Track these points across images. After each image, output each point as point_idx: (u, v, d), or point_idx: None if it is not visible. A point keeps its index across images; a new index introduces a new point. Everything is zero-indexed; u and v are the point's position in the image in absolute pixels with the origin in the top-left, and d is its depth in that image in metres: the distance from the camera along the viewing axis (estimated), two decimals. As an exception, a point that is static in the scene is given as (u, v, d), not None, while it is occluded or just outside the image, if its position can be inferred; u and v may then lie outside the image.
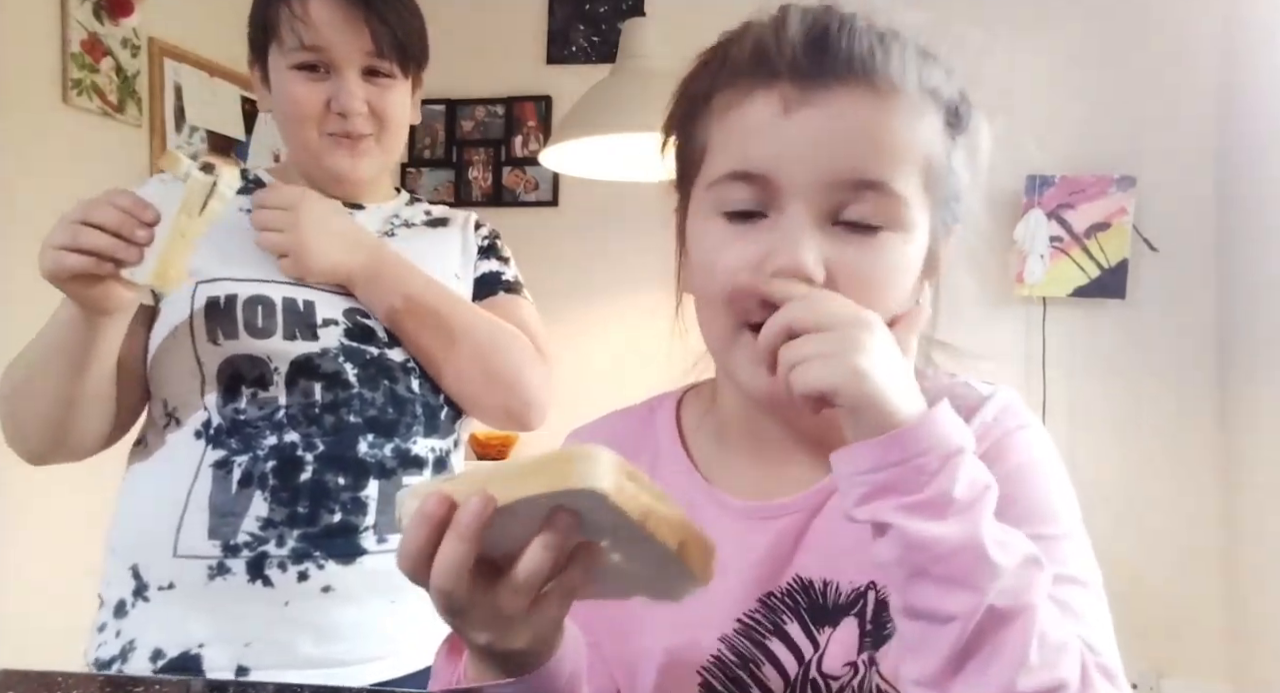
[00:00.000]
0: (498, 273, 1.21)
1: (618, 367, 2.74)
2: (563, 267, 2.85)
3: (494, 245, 1.24)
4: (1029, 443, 0.61)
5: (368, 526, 0.99)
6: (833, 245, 0.56)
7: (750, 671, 0.61)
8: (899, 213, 0.56)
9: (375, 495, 1.00)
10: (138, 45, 2.24)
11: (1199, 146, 2.52)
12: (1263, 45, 2.32)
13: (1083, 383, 2.57)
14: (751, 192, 0.57)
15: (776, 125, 0.56)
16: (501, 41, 2.93)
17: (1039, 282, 2.50)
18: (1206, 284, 2.51)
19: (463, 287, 1.15)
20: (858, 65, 0.55)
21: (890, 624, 0.58)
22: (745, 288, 0.56)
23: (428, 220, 1.20)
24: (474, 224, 1.24)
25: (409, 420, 1.05)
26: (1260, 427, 2.30)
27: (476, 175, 2.93)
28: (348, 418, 1.01)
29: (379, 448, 1.01)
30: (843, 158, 0.55)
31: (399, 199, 1.22)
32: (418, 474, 1.05)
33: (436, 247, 1.16)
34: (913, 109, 0.57)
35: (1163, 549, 2.47)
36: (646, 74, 1.93)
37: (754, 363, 0.56)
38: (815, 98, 0.55)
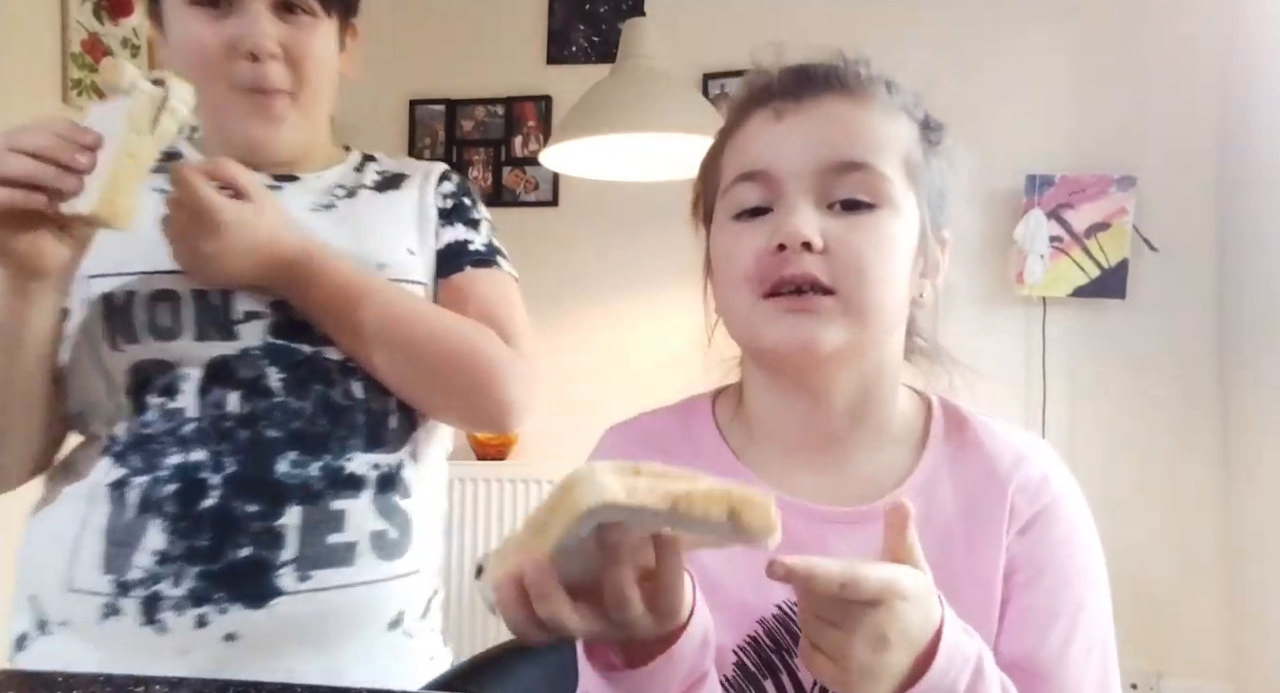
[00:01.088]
0: (464, 242, 1.01)
1: (618, 366, 2.75)
2: (563, 267, 2.85)
3: (461, 206, 1.03)
4: (1072, 514, 0.68)
5: (285, 561, 0.83)
6: (831, 223, 0.64)
7: (782, 657, 0.65)
8: (885, 190, 0.64)
9: (297, 524, 0.84)
10: (137, 45, 2.24)
11: (1199, 146, 2.52)
12: (1263, 45, 2.32)
13: (1083, 383, 2.57)
14: (757, 189, 0.66)
15: (771, 130, 0.67)
16: (501, 41, 2.93)
17: (1039, 282, 2.50)
18: (1206, 284, 2.51)
19: (419, 263, 0.97)
20: (835, 81, 0.67)
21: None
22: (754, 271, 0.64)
23: (378, 182, 1.02)
24: (437, 178, 1.04)
25: (344, 433, 0.89)
26: (1260, 427, 2.30)
27: (476, 175, 2.93)
28: (266, 432, 0.86)
29: (303, 467, 0.86)
30: (829, 146, 0.65)
31: (346, 163, 1.03)
32: (353, 497, 0.88)
33: (384, 215, 0.98)
34: (886, 113, 0.67)
35: (1163, 549, 2.47)
36: (646, 74, 1.93)
37: (773, 322, 0.63)
38: (801, 106, 0.66)
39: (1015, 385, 2.57)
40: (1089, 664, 0.63)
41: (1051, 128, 2.59)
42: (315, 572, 0.84)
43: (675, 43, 2.03)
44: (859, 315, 0.63)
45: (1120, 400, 2.55)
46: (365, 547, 0.87)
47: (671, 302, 2.44)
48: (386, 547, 0.89)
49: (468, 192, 1.05)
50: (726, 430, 0.73)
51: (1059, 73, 2.61)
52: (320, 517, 0.86)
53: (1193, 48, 2.53)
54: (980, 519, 0.66)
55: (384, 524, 0.89)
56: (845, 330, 0.63)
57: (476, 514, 2.75)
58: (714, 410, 0.75)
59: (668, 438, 0.73)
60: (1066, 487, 0.69)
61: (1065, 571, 0.65)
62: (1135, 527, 2.48)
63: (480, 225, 1.04)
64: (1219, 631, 2.44)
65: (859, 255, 0.63)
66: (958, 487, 0.68)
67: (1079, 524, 0.68)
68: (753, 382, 0.72)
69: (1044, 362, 2.56)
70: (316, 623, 0.84)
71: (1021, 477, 0.67)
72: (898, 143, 0.66)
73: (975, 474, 0.68)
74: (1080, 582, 0.66)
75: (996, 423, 0.72)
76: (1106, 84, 2.58)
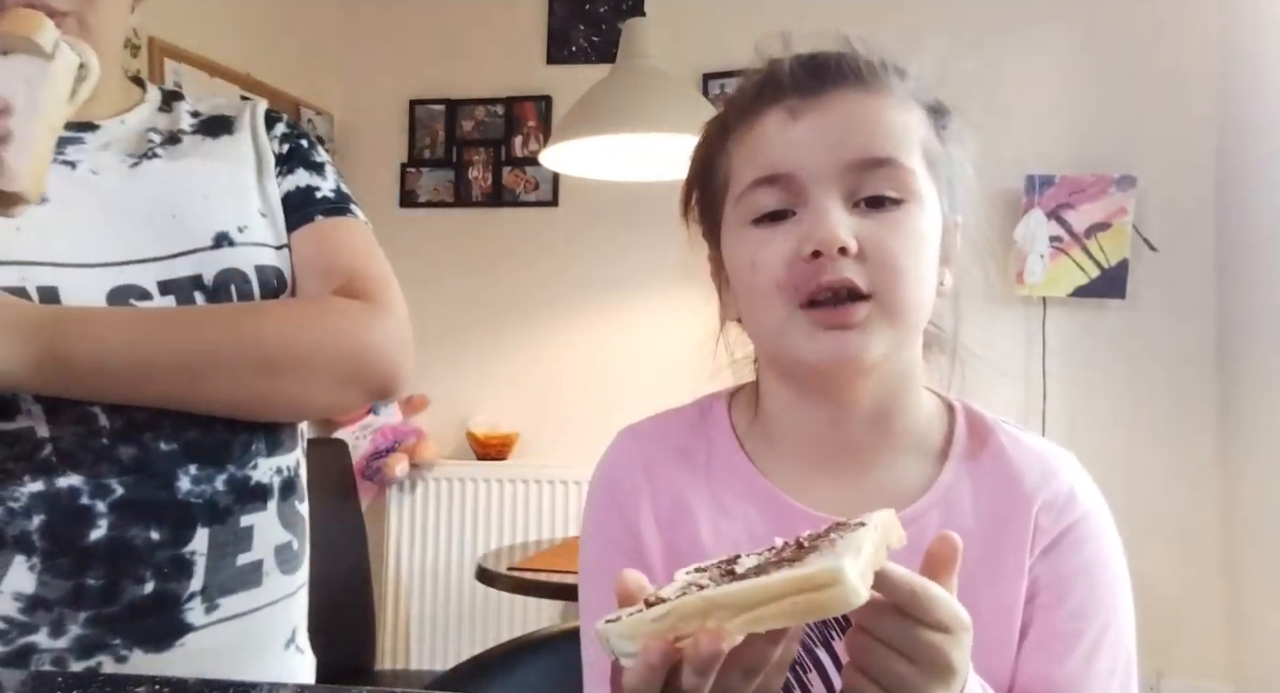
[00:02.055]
0: (310, 189, 0.87)
1: (617, 366, 2.75)
2: (563, 267, 2.85)
3: (299, 149, 0.90)
4: (1100, 531, 0.67)
5: (193, 592, 0.74)
6: (860, 222, 0.61)
7: (797, 674, 0.63)
8: (912, 184, 0.62)
9: (204, 549, 0.75)
10: (138, 45, 2.24)
11: (1199, 146, 2.52)
12: (1263, 46, 2.32)
13: (1083, 383, 2.57)
14: (777, 192, 0.62)
15: (788, 130, 0.63)
16: (501, 41, 2.93)
17: (1039, 282, 2.50)
18: (1206, 284, 2.51)
19: (270, 226, 0.84)
20: (849, 73, 0.64)
21: None
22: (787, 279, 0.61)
23: (199, 125, 0.87)
24: (264, 119, 0.90)
25: (246, 438, 0.79)
26: (1260, 427, 2.30)
27: (476, 175, 2.93)
28: (156, 445, 0.74)
29: (207, 482, 0.76)
30: (851, 144, 0.62)
31: (148, 102, 0.87)
32: (261, 510, 0.79)
33: (222, 169, 0.84)
34: (901, 103, 0.64)
35: (1163, 549, 2.47)
36: (646, 74, 1.93)
37: (811, 337, 0.61)
38: (817, 103, 0.63)
39: (1015, 385, 2.56)
40: (1110, 687, 0.62)
41: (1051, 128, 2.59)
42: (224, 599, 0.76)
43: (675, 43, 2.03)
44: (898, 318, 0.61)
45: (1120, 400, 2.55)
46: (271, 564, 0.81)
47: (671, 301, 2.44)
48: (289, 560, 0.83)
49: (302, 132, 0.92)
50: (744, 436, 0.71)
51: (1059, 73, 2.61)
52: (229, 537, 0.77)
53: (1193, 48, 2.53)
54: (1002, 535, 0.65)
55: (288, 535, 0.83)
56: (887, 338, 0.61)
57: (476, 514, 2.75)
58: (730, 413, 0.73)
59: (684, 440, 0.72)
60: (1094, 502, 0.67)
61: (1091, 592, 0.64)
62: (1135, 526, 2.47)
63: (325, 169, 0.90)
64: (1219, 630, 2.44)
65: (894, 256, 0.60)
66: (979, 500, 0.66)
67: (1106, 542, 0.66)
68: (771, 388, 0.70)
69: (1044, 362, 2.56)
70: (226, 655, 0.77)
71: (1048, 493, 0.65)
72: (916, 133, 0.64)
73: (998, 488, 0.66)
74: (1106, 603, 0.64)
75: (1023, 432, 0.70)
76: (1106, 84, 2.58)
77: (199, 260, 0.78)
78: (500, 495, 2.74)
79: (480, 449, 2.80)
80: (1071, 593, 0.63)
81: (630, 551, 0.68)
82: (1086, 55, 2.60)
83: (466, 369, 2.88)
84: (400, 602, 2.79)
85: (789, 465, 0.68)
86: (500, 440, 2.78)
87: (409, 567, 2.78)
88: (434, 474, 2.77)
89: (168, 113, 0.88)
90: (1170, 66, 2.54)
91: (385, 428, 2.79)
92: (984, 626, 0.62)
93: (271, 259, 0.83)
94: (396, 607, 2.78)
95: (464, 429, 2.82)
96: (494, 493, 2.74)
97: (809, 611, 0.41)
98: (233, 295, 0.79)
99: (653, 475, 0.70)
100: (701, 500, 0.68)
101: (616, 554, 0.68)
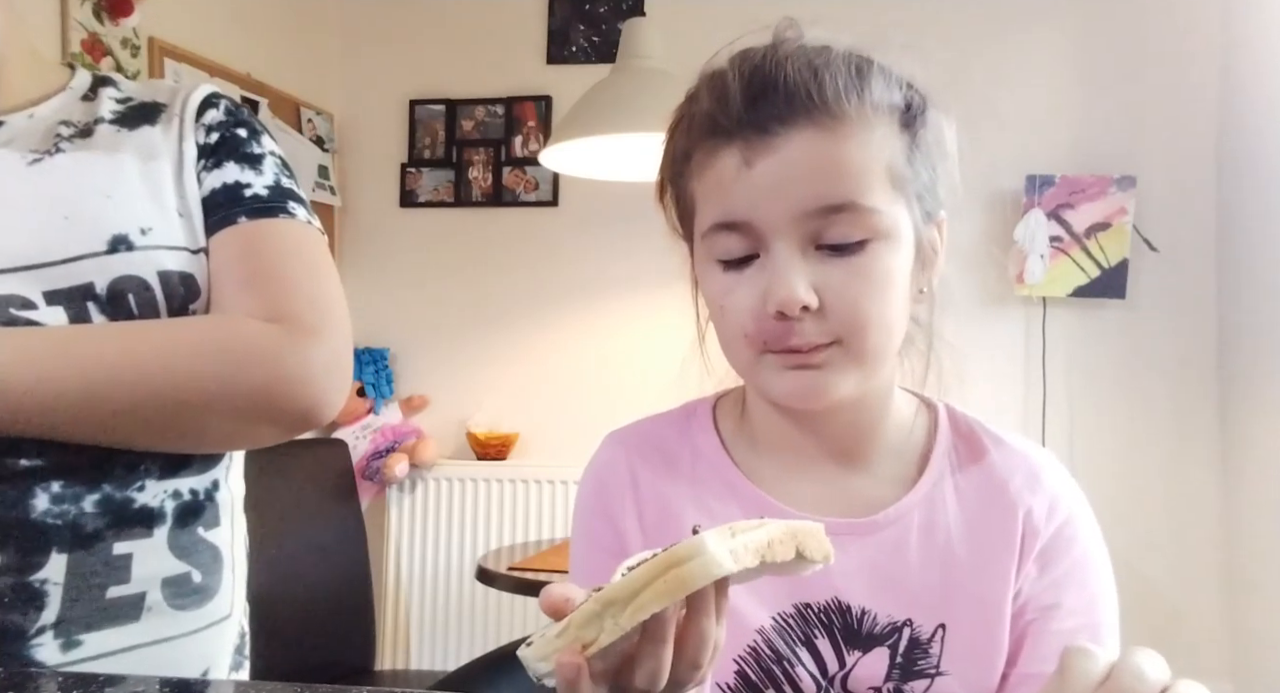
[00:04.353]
0: (236, 186, 0.77)
1: (618, 367, 2.75)
2: (563, 267, 2.85)
3: (229, 139, 0.79)
4: (1086, 531, 0.67)
5: (44, 625, 0.66)
6: (821, 270, 0.60)
7: (783, 668, 0.64)
8: (875, 224, 0.60)
9: (60, 577, 0.67)
10: (138, 45, 2.24)
11: (1199, 146, 2.52)
12: (1263, 45, 2.32)
13: (1083, 383, 2.57)
14: (738, 238, 0.61)
15: (742, 177, 0.60)
16: (501, 41, 2.92)
17: (1039, 282, 2.50)
18: (1206, 284, 2.51)
19: (187, 227, 0.75)
20: (799, 106, 0.60)
21: (920, 662, 0.63)
22: (755, 332, 0.61)
23: (122, 114, 0.78)
24: (198, 106, 0.80)
25: (132, 456, 0.70)
26: (1260, 427, 2.30)
27: (476, 175, 2.93)
28: (14, 463, 0.66)
29: (70, 503, 0.67)
30: (807, 192, 0.59)
31: (69, 91, 0.80)
32: (144, 536, 0.71)
33: (132, 161, 0.75)
34: (861, 131, 0.60)
35: (1163, 549, 2.47)
36: (646, 74, 1.93)
37: (779, 376, 0.61)
38: (769, 146, 0.60)
39: (1015, 385, 2.57)
40: None
41: (1051, 128, 2.59)
42: (87, 635, 0.67)
43: (675, 43, 2.03)
44: (863, 360, 0.61)
45: (1120, 400, 2.55)
46: (156, 598, 0.72)
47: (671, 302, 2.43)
48: (186, 595, 0.74)
49: (241, 120, 0.81)
50: (729, 440, 0.72)
51: (1059, 73, 2.61)
52: (95, 565, 0.68)
53: (1192, 48, 2.53)
54: (988, 535, 0.66)
55: (183, 567, 0.73)
56: (854, 376, 0.61)
57: (476, 514, 2.75)
58: (715, 418, 0.74)
59: (669, 443, 0.72)
60: (1077, 500, 0.68)
61: (1084, 591, 0.65)
62: (1135, 527, 2.48)
63: (263, 162, 0.80)
64: (1219, 631, 2.44)
65: (856, 304, 0.60)
66: (963, 500, 0.67)
67: (1092, 541, 0.67)
68: (756, 400, 0.71)
69: (1044, 362, 2.56)
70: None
71: (1037, 497, 0.66)
72: (878, 161, 0.61)
73: (983, 488, 0.67)
74: (1098, 600, 0.66)
75: (1003, 433, 0.70)
76: (1106, 84, 2.58)
77: (92, 267, 0.70)
78: (500, 495, 2.74)
79: (480, 449, 2.80)
80: (1066, 597, 0.64)
81: (617, 553, 0.68)
82: (1086, 55, 2.60)
83: (466, 369, 2.88)
84: (400, 602, 2.79)
85: (773, 468, 0.69)
86: (500, 441, 2.78)
87: (409, 567, 2.78)
88: (434, 474, 2.77)
89: (90, 100, 0.79)
90: (1170, 66, 2.54)
91: (385, 428, 2.79)
92: (967, 615, 0.64)
93: (182, 264, 0.74)
94: (396, 607, 2.78)
95: (464, 429, 2.82)
96: (494, 493, 2.74)
97: (678, 586, 0.42)
98: (130, 306, 0.70)
99: (638, 479, 0.71)
100: (686, 502, 0.69)
101: (602, 557, 0.69)
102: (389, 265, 2.93)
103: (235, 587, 0.79)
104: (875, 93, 0.61)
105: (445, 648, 2.75)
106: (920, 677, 0.63)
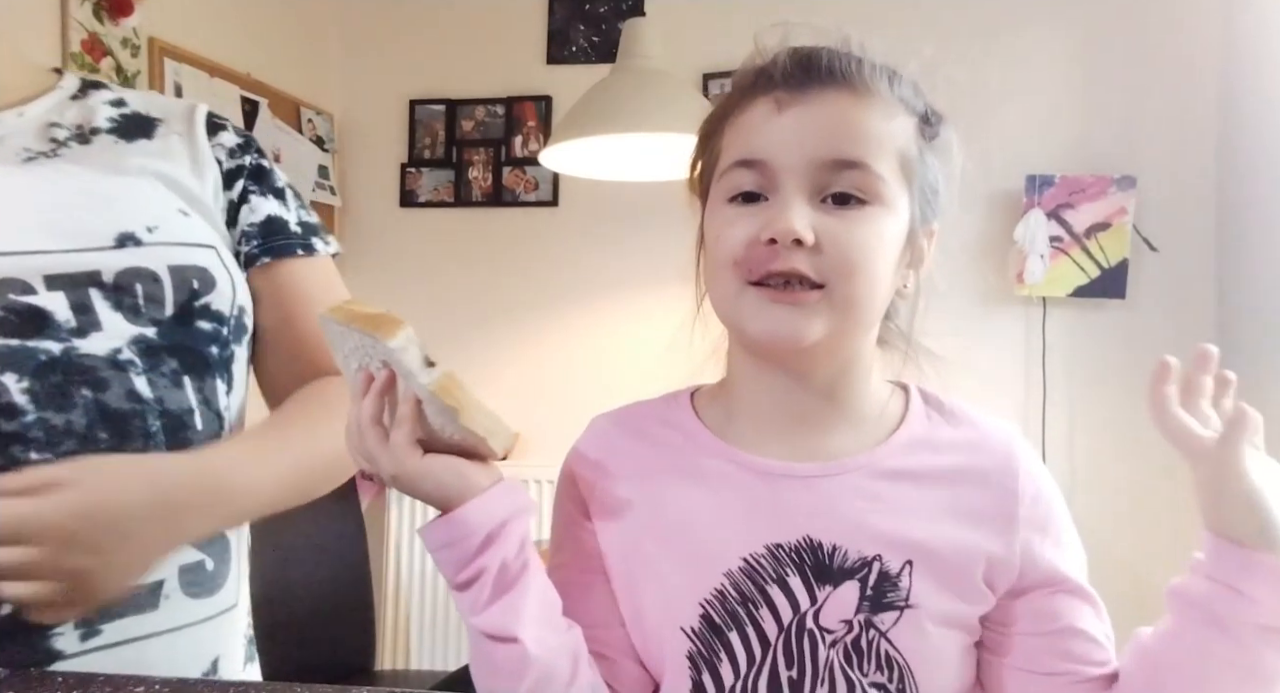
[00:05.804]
0: (281, 220, 0.84)
1: (618, 366, 2.75)
2: (563, 267, 2.85)
3: (262, 170, 0.85)
4: (1054, 495, 0.71)
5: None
6: (821, 217, 0.64)
7: (748, 609, 0.66)
8: (878, 188, 0.65)
9: None
10: (138, 45, 2.24)
11: (1199, 147, 2.52)
12: (1263, 45, 2.32)
13: (1083, 383, 2.57)
14: (753, 176, 0.66)
15: (771, 120, 0.66)
16: (501, 41, 2.92)
17: (1039, 282, 2.50)
18: (1206, 284, 2.51)
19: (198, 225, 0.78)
20: (838, 74, 0.66)
21: (890, 594, 0.65)
22: (743, 259, 0.65)
23: (120, 124, 0.80)
24: (205, 122, 0.83)
25: (137, 445, 0.71)
26: (1260, 427, 2.30)
27: (476, 175, 2.93)
28: (23, 458, 0.66)
29: None
30: (826, 143, 0.65)
31: (60, 90, 0.80)
32: None
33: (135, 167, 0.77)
34: (885, 109, 0.67)
35: (1163, 549, 2.47)
36: (646, 74, 1.93)
37: (759, 310, 0.65)
38: (803, 98, 0.66)
39: (1015, 385, 2.57)
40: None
41: (1051, 128, 2.59)
42: (106, 625, 0.69)
43: (675, 43, 2.03)
44: (844, 310, 0.65)
45: (1120, 400, 2.55)
46: (174, 586, 0.74)
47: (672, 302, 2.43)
48: (200, 583, 0.76)
49: (258, 147, 0.86)
50: (703, 412, 0.75)
51: (1059, 73, 2.61)
52: None
53: (1192, 48, 2.53)
54: (970, 490, 0.69)
55: (198, 555, 0.76)
56: (829, 323, 0.64)
57: (476, 514, 2.75)
58: (692, 398, 0.78)
59: (644, 421, 0.76)
60: (1039, 469, 0.71)
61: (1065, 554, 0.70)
62: (1135, 527, 2.47)
63: (286, 194, 0.86)
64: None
65: (848, 252, 0.64)
66: (937, 453, 0.70)
67: (1057, 501, 0.71)
68: (736, 359, 0.74)
69: (1044, 362, 2.56)
70: None
71: (1018, 473, 0.69)
72: (894, 140, 0.66)
73: (956, 445, 0.70)
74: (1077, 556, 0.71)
75: (973, 409, 0.74)
76: (1106, 84, 2.58)
77: (97, 258, 0.72)
78: (500, 495, 2.74)
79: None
80: (1056, 569, 0.68)
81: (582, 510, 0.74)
82: (1087, 55, 2.60)
83: (466, 369, 2.84)
84: (400, 602, 2.79)
85: (747, 433, 0.72)
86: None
87: (409, 567, 2.78)
88: (434, 474, 2.77)
89: (80, 100, 0.80)
90: (1170, 66, 2.54)
91: (385, 428, 2.78)
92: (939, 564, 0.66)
93: (195, 259, 0.76)
94: (396, 607, 2.78)
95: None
96: (494, 493, 2.74)
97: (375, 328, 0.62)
98: (137, 296, 0.73)
99: (615, 446, 0.75)
100: (665, 468, 0.73)
101: (569, 524, 0.75)
102: (389, 265, 2.93)
103: (240, 578, 0.82)
104: (903, 92, 0.68)
105: (445, 648, 2.75)
106: (890, 609, 0.65)
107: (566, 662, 0.64)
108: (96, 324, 0.71)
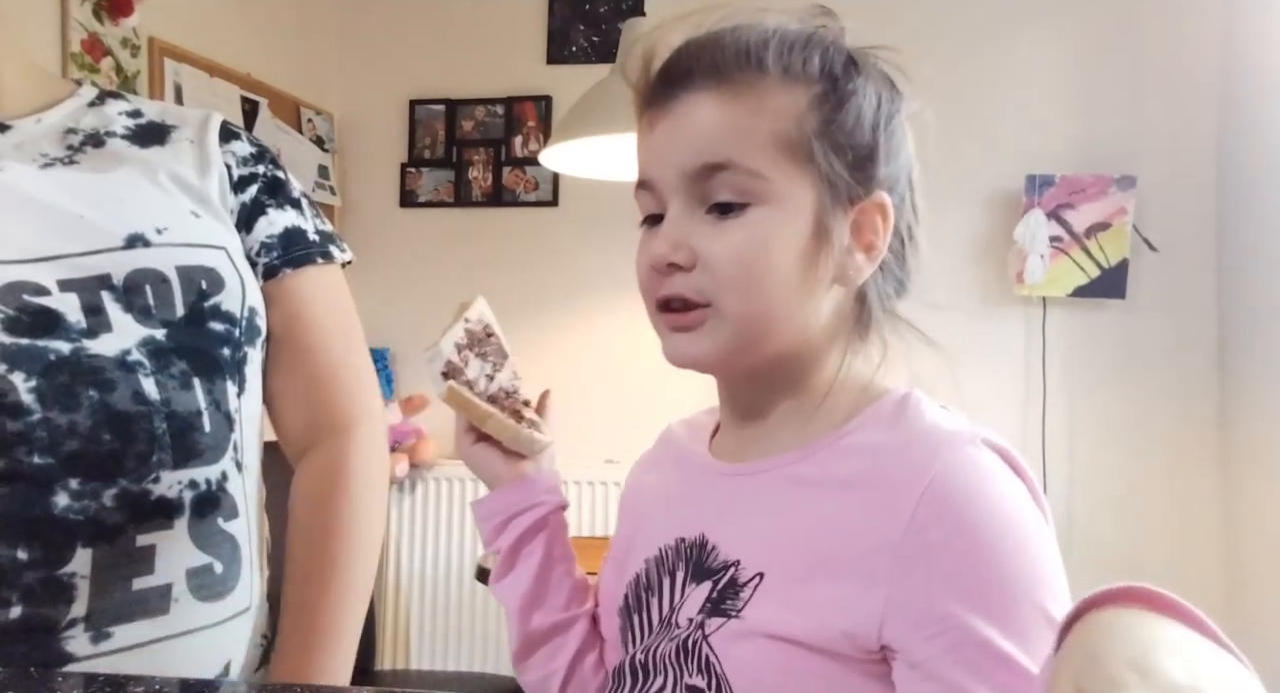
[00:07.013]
0: (300, 230, 0.85)
1: (618, 367, 2.75)
2: (563, 267, 2.85)
3: (278, 181, 0.86)
4: (986, 550, 0.56)
5: (74, 618, 0.67)
6: (705, 230, 0.62)
7: (646, 597, 0.69)
8: (755, 187, 0.61)
9: (87, 571, 0.68)
10: (137, 45, 2.24)
11: (1199, 146, 2.52)
12: (1263, 45, 2.32)
13: (1083, 383, 2.57)
14: (647, 197, 0.66)
15: (647, 139, 0.66)
16: (501, 41, 2.93)
17: (1039, 282, 2.50)
18: (1206, 284, 2.51)
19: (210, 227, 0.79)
20: (697, 73, 0.63)
21: (727, 602, 0.61)
22: (643, 288, 0.67)
23: (135, 132, 0.81)
24: (219, 130, 0.84)
25: (143, 448, 0.70)
26: (1261, 427, 2.30)
27: (476, 175, 2.93)
28: (30, 459, 0.66)
29: (90, 499, 0.68)
30: (689, 150, 0.62)
31: (77, 98, 0.82)
32: (166, 527, 0.72)
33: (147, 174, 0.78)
34: (755, 94, 0.61)
35: (1163, 549, 2.47)
36: (646, 74, 1.93)
37: (664, 336, 0.66)
38: (667, 109, 0.64)
39: (1015, 385, 2.56)
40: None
41: (1051, 128, 2.59)
42: (116, 628, 0.69)
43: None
44: (739, 323, 0.61)
45: (1120, 400, 2.55)
46: (182, 588, 0.73)
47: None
48: (210, 586, 0.76)
49: (274, 158, 0.87)
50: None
51: (1059, 73, 2.61)
52: (120, 558, 0.69)
53: (1192, 48, 2.53)
54: (861, 509, 0.58)
55: (205, 558, 0.75)
56: (725, 340, 0.62)
57: (476, 514, 2.75)
58: None
59: (684, 431, 0.79)
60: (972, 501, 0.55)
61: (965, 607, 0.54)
62: (1135, 527, 2.48)
63: (303, 203, 0.88)
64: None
65: (725, 266, 0.61)
66: (856, 455, 0.61)
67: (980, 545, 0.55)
68: None
69: (1044, 362, 2.56)
70: None
71: (923, 488, 0.55)
72: (767, 127, 0.60)
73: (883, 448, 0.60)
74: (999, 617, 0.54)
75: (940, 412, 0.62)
76: (1106, 84, 2.58)
77: (108, 260, 0.72)
78: (500, 496, 2.74)
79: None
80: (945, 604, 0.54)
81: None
82: (1087, 55, 2.60)
83: (466, 369, 2.88)
84: (400, 602, 2.79)
85: (723, 430, 0.74)
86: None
87: (409, 567, 2.78)
88: (434, 474, 2.77)
89: (98, 106, 0.82)
90: (1170, 66, 2.54)
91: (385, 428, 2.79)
92: (796, 581, 0.58)
93: (203, 260, 0.77)
94: (396, 607, 2.79)
95: (464, 429, 2.82)
96: (494, 493, 2.74)
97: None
98: (147, 297, 0.74)
99: (657, 452, 0.80)
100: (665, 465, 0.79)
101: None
102: (389, 265, 2.93)
103: (254, 581, 0.82)
104: (790, 59, 0.62)
105: (445, 648, 2.75)
106: (720, 615, 0.61)
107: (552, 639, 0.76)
108: (107, 326, 0.71)
